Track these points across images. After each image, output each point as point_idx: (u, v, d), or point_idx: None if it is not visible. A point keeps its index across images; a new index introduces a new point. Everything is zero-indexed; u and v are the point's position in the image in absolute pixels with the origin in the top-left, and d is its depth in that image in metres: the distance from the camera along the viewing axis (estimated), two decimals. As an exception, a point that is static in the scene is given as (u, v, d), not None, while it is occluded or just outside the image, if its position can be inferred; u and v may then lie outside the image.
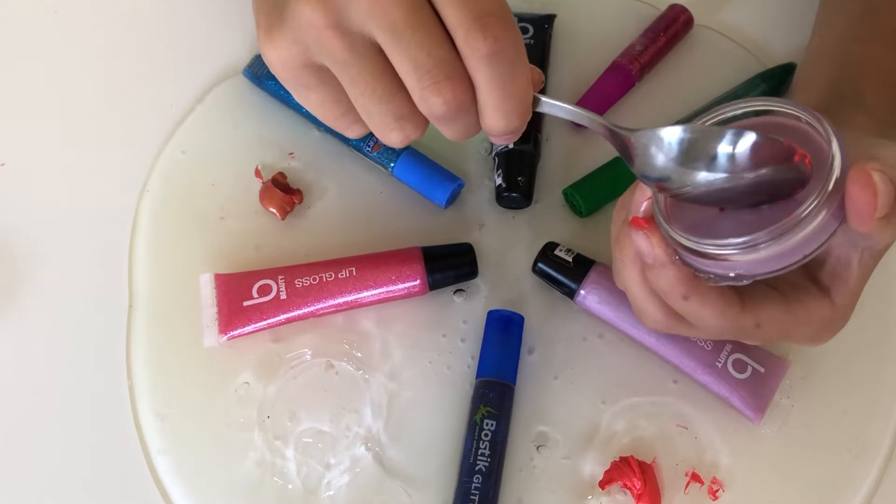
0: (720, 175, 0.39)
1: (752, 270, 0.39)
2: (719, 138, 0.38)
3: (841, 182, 0.37)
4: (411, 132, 0.39)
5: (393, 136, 0.39)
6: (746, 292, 0.42)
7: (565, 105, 0.40)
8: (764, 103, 0.41)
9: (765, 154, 0.38)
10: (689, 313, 0.42)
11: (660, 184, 0.40)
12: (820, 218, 0.37)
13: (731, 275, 0.39)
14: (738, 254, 0.38)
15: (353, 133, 0.42)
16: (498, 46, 0.36)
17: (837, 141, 0.38)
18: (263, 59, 0.40)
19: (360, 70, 0.37)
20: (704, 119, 0.41)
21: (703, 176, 0.39)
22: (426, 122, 0.39)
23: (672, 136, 0.39)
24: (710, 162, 0.38)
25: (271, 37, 0.38)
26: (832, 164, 0.37)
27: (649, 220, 0.40)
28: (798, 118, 0.40)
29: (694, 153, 0.39)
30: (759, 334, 0.42)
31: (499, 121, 0.38)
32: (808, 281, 0.43)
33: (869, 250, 0.41)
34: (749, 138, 0.38)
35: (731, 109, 0.41)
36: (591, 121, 0.41)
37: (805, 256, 0.38)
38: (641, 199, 0.41)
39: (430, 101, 0.37)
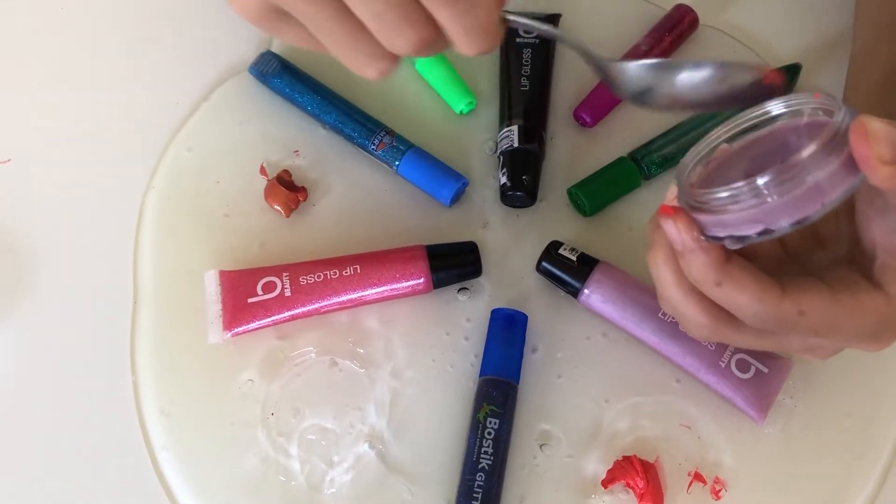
0: (697, 74, 0.41)
1: (771, 221, 0.38)
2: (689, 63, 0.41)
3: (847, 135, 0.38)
4: (385, 67, 0.39)
5: (369, 73, 0.40)
6: (788, 281, 0.41)
7: (532, 22, 0.41)
8: (772, 107, 0.41)
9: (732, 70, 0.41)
10: (726, 302, 0.41)
11: (642, 101, 0.42)
12: (830, 166, 0.37)
13: (753, 233, 0.39)
14: (748, 196, 0.38)
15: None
16: None
17: (847, 106, 0.38)
18: (231, 8, 0.40)
19: (321, 18, 0.37)
20: (719, 134, 0.42)
21: (680, 79, 0.41)
22: (397, 55, 0.40)
23: (644, 65, 0.42)
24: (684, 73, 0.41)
25: None
26: (836, 114, 0.38)
27: (675, 208, 0.41)
28: (807, 112, 0.40)
29: (668, 72, 0.42)
30: (804, 324, 0.41)
31: (468, 49, 0.39)
32: (860, 277, 0.42)
33: None
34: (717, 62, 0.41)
35: (744, 121, 0.42)
36: (559, 37, 0.42)
37: (823, 206, 0.38)
38: (670, 196, 0.42)
39: (394, 43, 0.37)
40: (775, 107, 0.41)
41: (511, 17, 0.40)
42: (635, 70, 0.42)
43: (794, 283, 0.41)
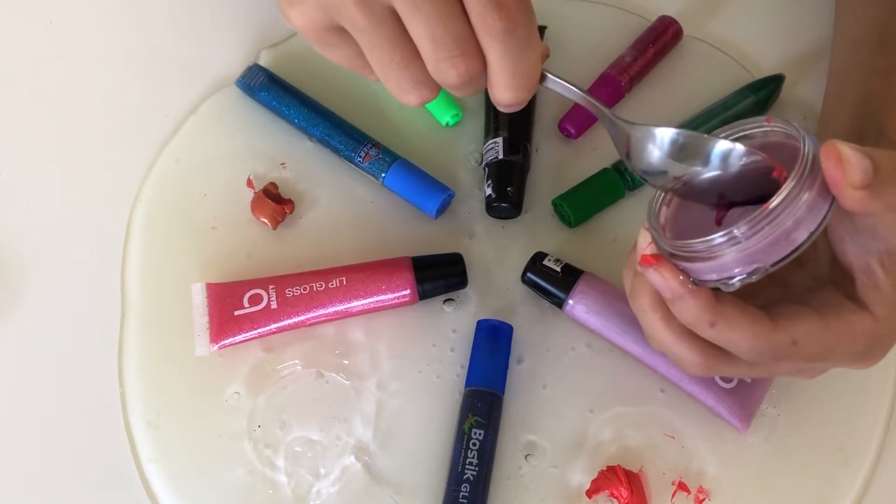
0: (707, 172, 0.41)
1: (755, 262, 0.39)
2: (708, 143, 0.41)
3: (816, 165, 0.38)
4: (427, 95, 0.40)
5: (410, 99, 0.40)
6: (777, 311, 0.42)
7: (570, 86, 0.42)
8: (745, 127, 0.42)
9: (746, 164, 0.41)
10: (721, 341, 0.42)
11: (650, 177, 0.42)
12: (803, 200, 0.38)
13: (742, 275, 0.40)
14: (726, 245, 0.39)
15: (375, 78, 0.43)
16: (511, 25, 0.37)
17: (808, 133, 0.39)
18: (286, 20, 0.41)
19: (379, 38, 0.38)
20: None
21: (691, 171, 0.41)
22: (440, 86, 0.40)
23: (665, 134, 0.42)
24: (698, 163, 0.41)
25: (292, 2, 0.39)
26: (802, 148, 0.38)
27: (657, 257, 0.41)
28: (787, 134, 0.41)
29: (684, 154, 0.41)
30: (798, 353, 0.41)
31: (507, 94, 0.39)
32: (844, 299, 0.42)
33: (888, 254, 0.41)
34: (734, 148, 0.41)
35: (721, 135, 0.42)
36: (593, 106, 0.42)
37: (805, 241, 0.39)
38: (644, 244, 0.42)
39: (445, 73, 0.38)
40: (729, 133, 0.42)
41: (549, 76, 0.41)
42: (657, 156, 0.42)
43: (783, 313, 0.42)
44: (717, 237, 0.39)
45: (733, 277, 0.40)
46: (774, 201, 0.38)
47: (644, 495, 0.51)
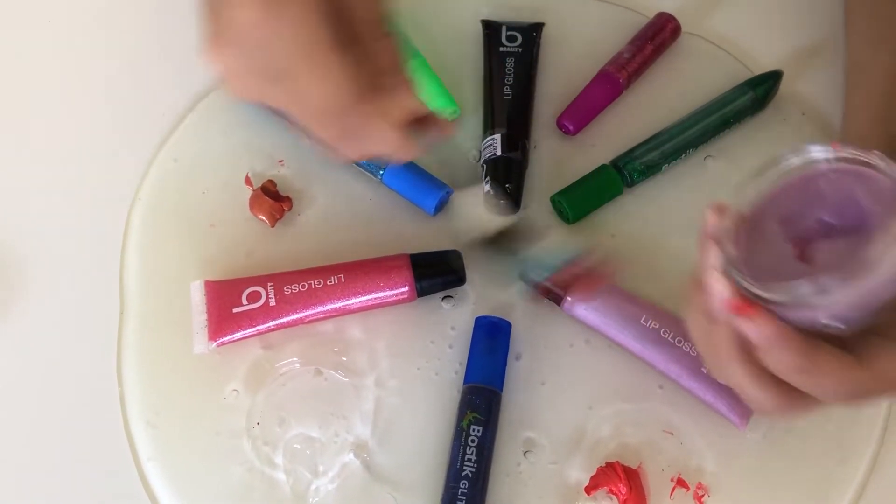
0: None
1: (854, 311, 0.37)
2: None
3: None
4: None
5: None
6: (859, 349, 0.40)
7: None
8: (832, 153, 0.40)
9: None
10: (807, 386, 0.40)
11: None
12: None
13: (826, 319, 0.38)
14: (813, 294, 0.36)
15: None
16: None
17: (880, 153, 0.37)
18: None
19: None
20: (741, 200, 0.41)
21: None
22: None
23: None
24: None
25: None
26: (884, 171, 0.37)
27: (751, 304, 0.38)
28: (868, 164, 0.39)
29: None
30: (879, 389, 0.40)
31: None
32: None
33: None
34: None
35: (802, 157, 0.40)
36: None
37: None
38: (719, 287, 0.39)
39: None
40: (794, 159, 0.40)
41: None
42: None
43: (865, 350, 0.40)
44: (804, 286, 0.36)
45: (827, 325, 0.38)
46: (872, 251, 0.35)
47: (643, 492, 0.51)
